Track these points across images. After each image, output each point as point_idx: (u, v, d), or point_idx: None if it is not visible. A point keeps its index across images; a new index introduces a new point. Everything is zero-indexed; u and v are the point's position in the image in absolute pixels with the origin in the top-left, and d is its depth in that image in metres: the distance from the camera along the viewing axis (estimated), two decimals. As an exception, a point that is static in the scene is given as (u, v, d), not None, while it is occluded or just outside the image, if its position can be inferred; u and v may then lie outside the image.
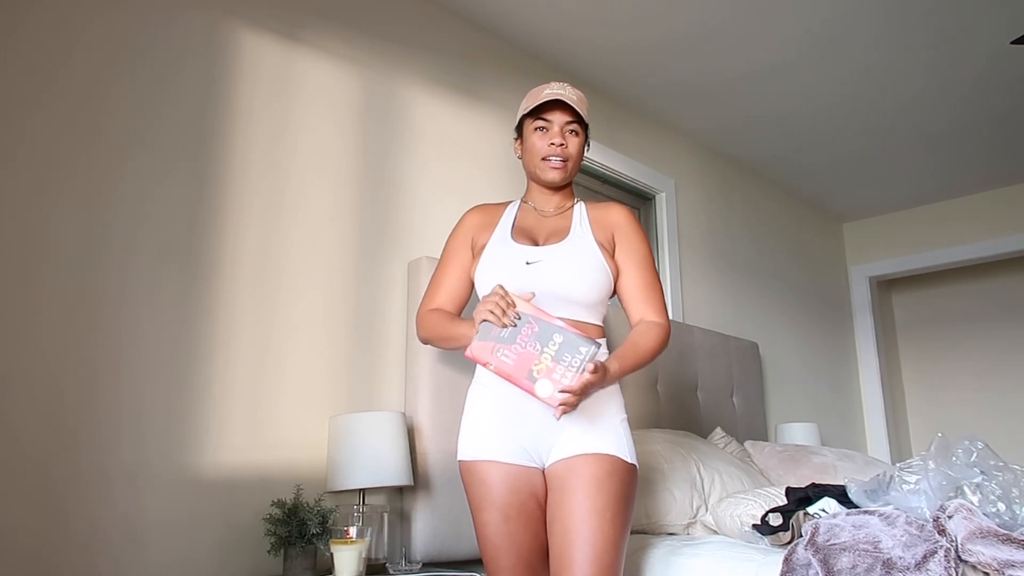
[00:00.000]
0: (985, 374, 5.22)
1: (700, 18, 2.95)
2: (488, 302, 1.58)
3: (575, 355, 1.52)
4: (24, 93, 1.81)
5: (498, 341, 1.55)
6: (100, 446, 1.78)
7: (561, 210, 1.86)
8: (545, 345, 1.53)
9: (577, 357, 1.51)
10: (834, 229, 5.11)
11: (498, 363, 1.54)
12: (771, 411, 4.00)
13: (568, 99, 1.76)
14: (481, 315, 1.58)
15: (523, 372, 1.52)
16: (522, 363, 1.53)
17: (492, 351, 1.55)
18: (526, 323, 1.56)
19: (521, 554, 1.65)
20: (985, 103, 3.64)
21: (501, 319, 1.56)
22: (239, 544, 1.95)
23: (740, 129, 3.88)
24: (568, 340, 1.53)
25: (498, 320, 1.56)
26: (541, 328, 1.55)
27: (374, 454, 2.02)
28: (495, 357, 1.55)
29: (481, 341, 1.56)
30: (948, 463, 1.71)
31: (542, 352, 1.53)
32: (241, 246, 2.13)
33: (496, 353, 1.55)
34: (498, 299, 1.57)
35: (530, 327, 1.55)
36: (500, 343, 1.55)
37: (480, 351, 1.56)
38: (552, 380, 1.51)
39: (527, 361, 1.53)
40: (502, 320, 1.56)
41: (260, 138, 2.23)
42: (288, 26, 2.37)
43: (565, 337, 1.53)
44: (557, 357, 1.52)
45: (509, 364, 1.54)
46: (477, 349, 1.57)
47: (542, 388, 1.51)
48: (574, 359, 1.51)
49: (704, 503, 2.38)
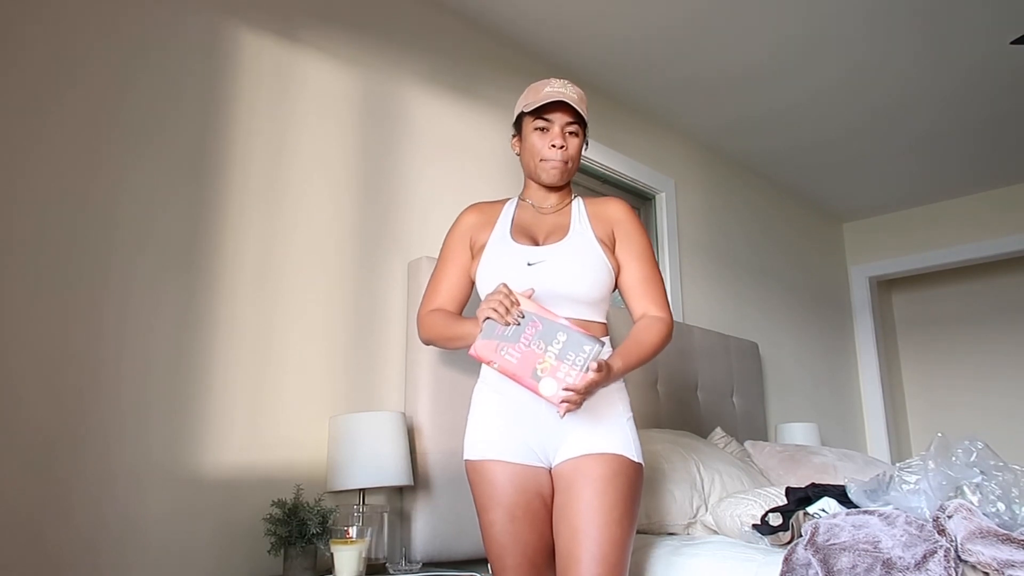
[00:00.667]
0: (985, 374, 5.21)
1: (700, 18, 2.95)
2: (492, 300, 1.58)
3: (579, 353, 1.52)
4: (28, 97, 1.81)
5: (502, 340, 1.55)
6: (102, 446, 1.78)
7: (559, 207, 1.86)
8: (549, 344, 1.53)
9: (581, 356, 1.52)
10: (834, 229, 5.11)
11: (502, 362, 1.55)
12: (771, 411, 4.00)
13: (569, 99, 1.75)
14: (484, 313, 1.58)
15: (527, 371, 1.53)
16: (526, 362, 1.53)
17: (496, 349, 1.55)
18: (530, 321, 1.56)
19: (527, 554, 1.65)
20: (985, 103, 3.64)
21: (504, 317, 1.56)
22: (239, 544, 1.95)
23: (740, 129, 3.88)
24: (572, 338, 1.53)
25: (501, 318, 1.56)
26: (545, 326, 1.55)
27: (374, 454, 2.02)
28: (499, 356, 1.55)
29: (485, 339, 1.57)
30: (948, 463, 1.71)
31: (546, 351, 1.53)
32: (242, 246, 2.13)
33: (500, 352, 1.55)
34: (502, 297, 1.57)
35: (534, 325, 1.55)
36: (504, 341, 1.55)
37: (484, 349, 1.56)
38: (556, 379, 1.51)
39: (531, 360, 1.53)
40: (505, 318, 1.56)
41: (261, 138, 2.23)
42: (288, 26, 2.37)
43: (569, 335, 1.53)
44: (561, 356, 1.52)
45: (513, 363, 1.54)
46: (481, 347, 1.57)
47: (546, 387, 1.51)
48: (578, 357, 1.52)
49: (704, 503, 2.38)
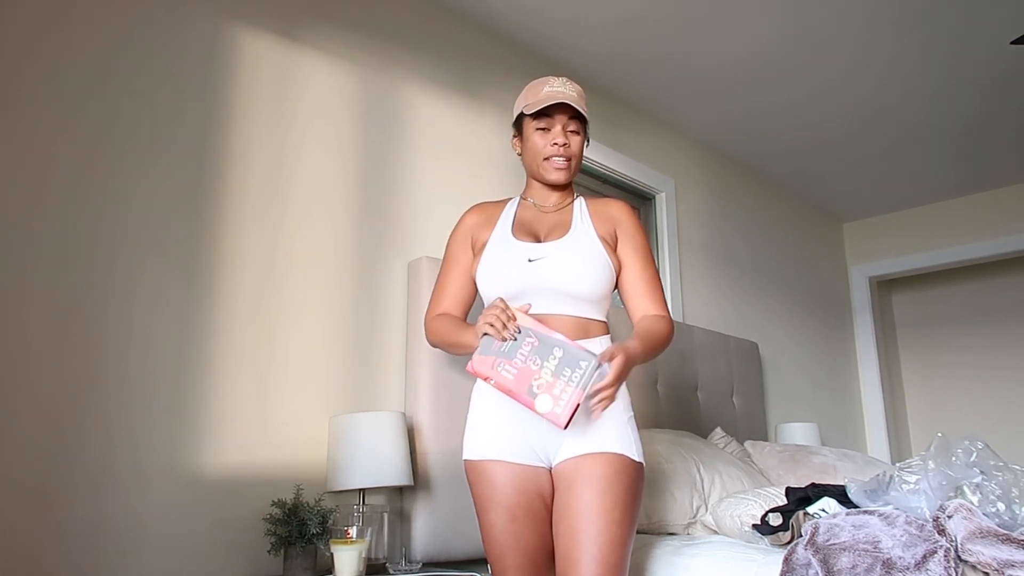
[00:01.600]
0: (985, 374, 5.21)
1: (700, 18, 2.95)
2: (488, 315, 1.58)
3: (575, 369, 1.51)
4: (21, 94, 1.80)
5: (499, 355, 1.55)
6: (101, 446, 1.78)
7: (561, 206, 1.86)
8: (545, 360, 1.53)
9: (577, 372, 1.51)
10: (834, 229, 5.11)
11: (499, 378, 1.54)
12: (771, 411, 4.00)
13: (570, 99, 1.76)
14: (481, 329, 1.58)
15: (523, 387, 1.52)
16: (522, 378, 1.53)
17: (493, 365, 1.55)
18: (526, 337, 1.55)
19: (527, 554, 1.64)
20: (985, 103, 3.64)
21: (501, 332, 1.56)
22: (239, 544, 1.95)
23: (740, 129, 3.88)
24: (568, 354, 1.52)
25: (498, 334, 1.56)
26: (541, 342, 1.54)
27: (374, 454, 2.02)
28: (496, 372, 1.54)
29: (482, 355, 1.57)
30: (948, 463, 1.71)
31: (542, 367, 1.52)
32: (242, 246, 2.13)
33: (497, 368, 1.55)
34: (498, 312, 1.57)
35: (530, 341, 1.55)
36: (500, 357, 1.55)
37: (481, 366, 1.56)
38: (552, 395, 1.50)
39: (527, 376, 1.52)
40: (502, 334, 1.56)
41: (260, 138, 2.23)
42: (288, 26, 2.37)
43: (565, 351, 1.53)
44: (557, 372, 1.52)
45: (510, 379, 1.53)
46: (478, 363, 1.57)
47: (542, 403, 1.50)
48: (574, 374, 1.51)
49: (704, 503, 2.38)
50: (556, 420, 1.50)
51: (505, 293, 1.72)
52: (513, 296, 1.71)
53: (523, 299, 1.70)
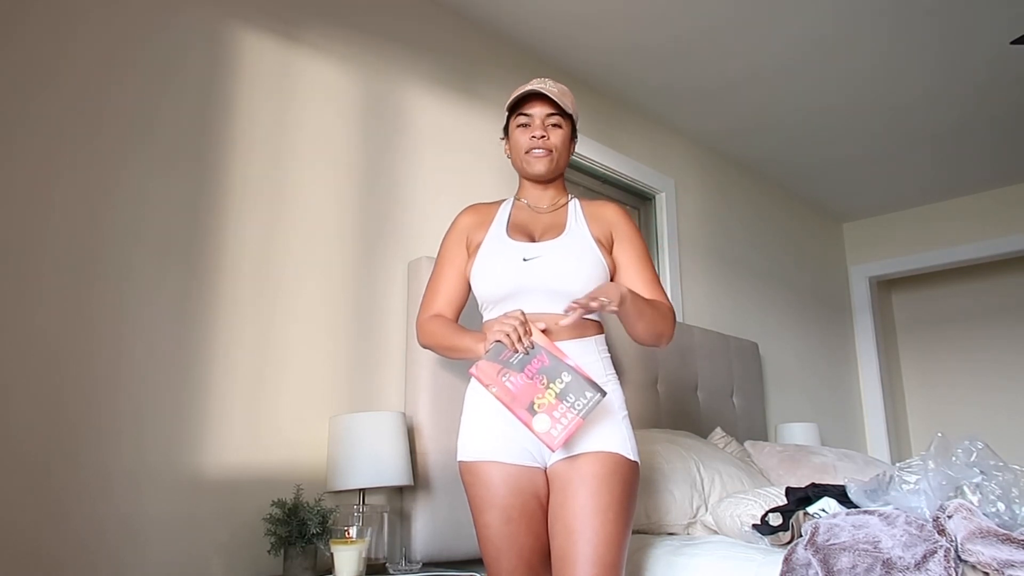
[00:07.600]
0: (985, 374, 5.22)
1: (700, 19, 2.95)
2: (506, 324, 1.56)
3: (579, 398, 1.50)
4: (24, 92, 1.81)
5: (506, 365, 1.53)
6: (101, 446, 1.78)
7: (555, 206, 1.87)
8: (552, 381, 1.51)
9: (581, 400, 1.49)
10: (834, 229, 5.11)
11: (501, 388, 1.52)
12: (771, 411, 4.00)
13: (548, 91, 1.77)
14: (495, 336, 1.57)
15: (524, 402, 1.51)
16: (525, 393, 1.51)
17: (498, 374, 1.53)
18: (537, 354, 1.54)
19: (523, 555, 1.64)
20: (985, 103, 3.64)
21: (516, 344, 1.55)
22: (239, 544, 1.95)
23: (740, 129, 3.88)
24: (576, 381, 1.51)
25: (512, 344, 1.55)
26: (552, 363, 1.53)
27: (374, 454, 2.02)
28: (499, 381, 1.53)
29: (489, 361, 1.55)
30: (948, 463, 1.71)
31: (547, 387, 1.51)
32: (241, 245, 2.13)
33: (501, 377, 1.53)
34: (517, 324, 1.56)
35: (540, 359, 1.53)
36: (508, 368, 1.53)
37: (486, 370, 1.54)
38: (552, 417, 1.49)
39: (530, 392, 1.51)
40: (516, 345, 1.54)
41: (260, 137, 2.23)
42: (288, 26, 2.37)
43: (574, 378, 1.51)
44: (562, 395, 1.50)
45: (512, 391, 1.52)
46: (484, 368, 1.55)
47: (540, 423, 1.49)
48: (577, 401, 1.49)
49: (704, 503, 2.38)
50: (550, 442, 1.49)
51: (500, 292, 1.72)
52: (508, 295, 1.71)
53: (518, 298, 1.70)
